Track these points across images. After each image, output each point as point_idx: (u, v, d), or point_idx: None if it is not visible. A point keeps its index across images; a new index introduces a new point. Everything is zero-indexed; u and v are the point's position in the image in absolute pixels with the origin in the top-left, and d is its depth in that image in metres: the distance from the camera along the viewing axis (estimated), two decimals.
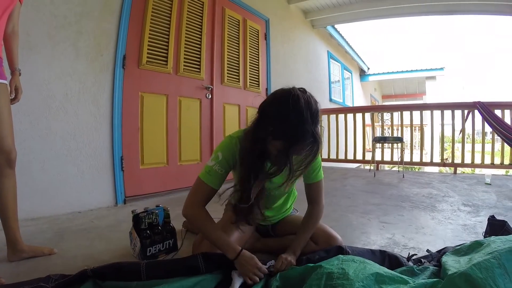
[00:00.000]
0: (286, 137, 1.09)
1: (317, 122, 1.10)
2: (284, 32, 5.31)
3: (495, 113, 4.04)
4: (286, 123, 1.08)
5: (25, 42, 2.07)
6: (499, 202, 2.64)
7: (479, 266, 0.89)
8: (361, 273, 0.99)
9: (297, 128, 1.07)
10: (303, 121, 1.06)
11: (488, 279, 0.84)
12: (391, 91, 15.39)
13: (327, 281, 0.99)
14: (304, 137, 1.07)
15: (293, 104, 1.07)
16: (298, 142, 1.08)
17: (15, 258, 1.44)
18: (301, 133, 1.07)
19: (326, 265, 1.08)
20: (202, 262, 1.17)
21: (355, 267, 1.04)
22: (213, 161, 1.25)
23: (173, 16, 3.11)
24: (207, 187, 1.24)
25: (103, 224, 2.11)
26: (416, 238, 1.77)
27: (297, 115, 1.07)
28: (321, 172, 1.40)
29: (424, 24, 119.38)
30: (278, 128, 1.09)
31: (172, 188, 3.14)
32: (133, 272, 1.11)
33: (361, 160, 5.46)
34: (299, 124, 1.07)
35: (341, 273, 1.01)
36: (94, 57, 2.50)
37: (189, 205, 1.27)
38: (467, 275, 0.87)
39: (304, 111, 1.07)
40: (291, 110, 1.07)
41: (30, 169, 2.13)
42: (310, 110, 1.08)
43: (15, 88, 1.52)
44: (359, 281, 0.95)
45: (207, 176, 1.24)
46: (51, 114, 2.26)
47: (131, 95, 2.78)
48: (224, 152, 1.25)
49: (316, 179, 1.38)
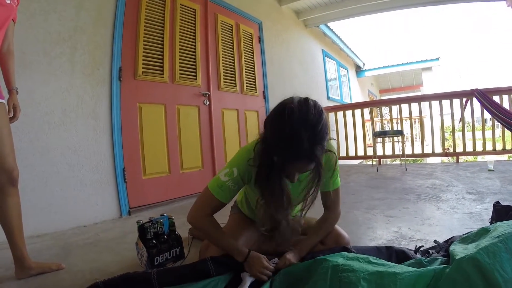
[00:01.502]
0: (279, 152, 1.00)
1: (318, 138, 0.98)
2: (278, 33, 5.33)
3: (493, 99, 4.04)
4: (278, 138, 0.99)
5: (21, 60, 2.08)
6: (503, 187, 2.64)
7: (487, 251, 0.89)
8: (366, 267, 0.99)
9: (291, 144, 0.96)
10: (295, 137, 0.95)
11: (496, 264, 0.84)
12: (388, 85, 15.39)
13: (333, 274, 0.99)
14: (298, 155, 0.98)
15: (288, 116, 0.96)
16: (290, 160, 1.00)
17: (23, 275, 1.44)
18: (294, 150, 0.96)
19: (331, 258, 1.08)
20: (212, 265, 1.17)
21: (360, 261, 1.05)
22: (227, 177, 1.20)
23: (166, 25, 3.13)
24: (217, 201, 1.21)
25: (109, 236, 2.11)
26: (423, 230, 1.77)
27: (289, 129, 0.96)
28: (338, 180, 1.35)
29: (416, 16, 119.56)
30: (274, 143, 1.01)
31: (176, 197, 3.14)
32: (144, 281, 1.10)
33: (363, 156, 5.46)
34: (292, 139, 0.96)
35: (347, 265, 1.01)
36: (90, 71, 2.52)
37: (196, 215, 1.25)
38: (475, 260, 0.87)
39: (297, 125, 0.96)
40: (284, 124, 0.97)
41: (33, 186, 2.14)
42: (306, 124, 0.96)
43: (13, 107, 1.53)
44: (363, 271, 0.95)
45: (219, 191, 1.20)
46: (51, 130, 2.26)
47: (129, 107, 2.78)
48: (240, 168, 1.20)
49: (333, 187, 1.33)
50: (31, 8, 2.17)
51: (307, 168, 1.03)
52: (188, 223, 1.29)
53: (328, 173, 1.24)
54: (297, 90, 4.38)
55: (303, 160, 1.00)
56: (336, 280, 0.97)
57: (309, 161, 1.00)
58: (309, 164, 1.01)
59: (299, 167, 1.03)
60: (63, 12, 2.36)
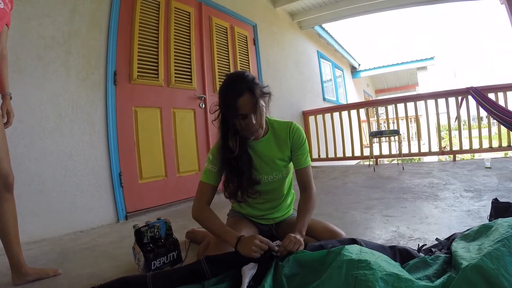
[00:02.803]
0: (226, 101, 1.26)
1: (254, 82, 1.26)
2: (272, 35, 5.34)
3: (488, 97, 4.05)
4: (222, 93, 1.28)
5: (15, 65, 2.07)
6: (500, 184, 2.65)
7: (490, 256, 0.88)
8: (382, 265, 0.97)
9: (232, 87, 1.25)
10: (235, 81, 1.25)
11: (500, 269, 0.84)
12: (383, 85, 15.46)
13: (349, 270, 0.96)
14: (239, 92, 1.22)
15: (228, 77, 1.31)
16: (235, 99, 1.22)
17: (19, 282, 1.43)
18: (236, 88, 1.23)
19: (345, 252, 1.04)
20: (206, 265, 1.15)
21: (375, 258, 1.01)
22: (206, 163, 1.42)
23: (160, 28, 3.12)
24: (206, 185, 1.39)
25: (106, 241, 2.10)
26: (421, 229, 1.77)
27: (229, 80, 1.28)
28: (309, 158, 1.49)
29: (410, 16, 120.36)
30: (222, 99, 1.29)
31: (173, 200, 3.12)
32: (140, 284, 1.09)
33: (360, 156, 5.46)
34: (232, 84, 1.26)
35: (363, 261, 0.97)
36: (85, 75, 2.51)
37: (195, 207, 1.39)
38: (479, 267, 0.86)
39: (235, 76, 1.29)
40: (225, 82, 1.29)
41: (29, 191, 2.12)
42: (243, 74, 1.28)
43: (7, 112, 1.52)
44: (381, 270, 0.93)
45: (204, 176, 1.40)
46: (46, 135, 2.25)
47: (124, 111, 2.77)
48: (213, 152, 1.41)
49: (306, 164, 1.46)
50: (25, 13, 2.16)
51: (251, 103, 1.23)
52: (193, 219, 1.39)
53: (298, 143, 1.43)
54: (293, 92, 4.44)
55: (245, 95, 1.22)
56: (351, 277, 0.94)
57: (251, 94, 1.23)
58: (252, 97, 1.23)
59: (244, 104, 1.23)
60: (57, 17, 2.35)
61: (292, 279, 1.07)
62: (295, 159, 1.45)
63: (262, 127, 1.33)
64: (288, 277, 1.07)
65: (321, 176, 4.26)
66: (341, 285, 0.94)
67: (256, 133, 1.32)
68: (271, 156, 1.43)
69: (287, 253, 1.16)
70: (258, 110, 1.25)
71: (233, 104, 1.23)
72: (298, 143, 1.43)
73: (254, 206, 1.53)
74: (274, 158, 1.43)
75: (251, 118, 1.25)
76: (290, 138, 1.43)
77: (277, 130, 1.45)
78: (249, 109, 1.24)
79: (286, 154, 1.44)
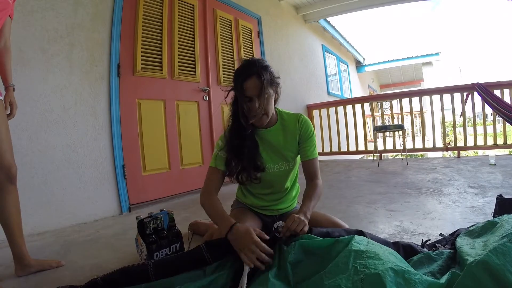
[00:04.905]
0: (236, 83, 1.31)
1: (264, 66, 1.30)
2: (277, 29, 5.30)
3: (494, 93, 4.01)
4: (236, 74, 1.34)
5: (19, 58, 2.07)
6: (505, 181, 2.63)
7: (495, 252, 0.87)
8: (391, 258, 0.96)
9: (243, 70, 1.30)
10: (247, 65, 1.30)
11: (506, 264, 0.83)
12: (388, 80, 15.34)
13: (356, 259, 0.95)
14: (248, 74, 1.27)
15: (241, 61, 1.36)
16: (244, 81, 1.27)
17: (23, 273, 1.44)
18: (245, 71, 1.28)
19: (354, 242, 1.03)
20: (206, 251, 1.13)
21: (383, 251, 1.00)
22: (216, 149, 1.44)
23: (164, 21, 3.11)
24: (215, 170, 1.40)
25: (109, 233, 2.11)
26: (425, 224, 1.76)
27: (244, 62, 1.34)
28: (316, 151, 1.49)
29: (416, 11, 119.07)
30: (234, 82, 1.34)
31: (176, 193, 3.13)
32: (141, 273, 1.08)
33: (364, 151, 5.43)
34: (244, 68, 1.31)
35: (372, 252, 0.96)
36: (88, 68, 2.50)
37: (203, 192, 1.38)
38: (484, 263, 0.85)
39: (249, 60, 1.33)
40: (240, 65, 1.35)
41: (33, 183, 2.13)
42: (255, 60, 1.33)
43: (10, 104, 1.51)
44: (391, 261, 0.92)
45: (214, 161, 1.41)
46: (50, 128, 2.25)
47: (128, 103, 2.77)
48: (222, 137, 1.44)
49: (313, 155, 1.46)
50: (28, 6, 2.16)
51: (257, 87, 1.26)
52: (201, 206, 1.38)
53: (306, 135, 1.44)
54: (297, 85, 4.42)
55: (252, 78, 1.26)
56: (361, 265, 0.92)
57: (258, 78, 1.26)
58: (258, 81, 1.26)
59: (250, 87, 1.27)
60: (60, 9, 2.34)
61: (296, 266, 1.06)
62: (302, 151, 1.45)
63: (268, 114, 1.33)
64: (293, 264, 1.06)
65: (325, 170, 4.25)
66: (349, 274, 0.92)
67: (259, 119, 1.32)
68: (278, 146, 1.43)
69: (290, 234, 1.14)
70: (263, 95, 1.27)
71: (240, 85, 1.28)
72: (306, 135, 1.44)
73: (258, 197, 1.52)
74: (281, 149, 1.44)
75: (255, 101, 1.28)
76: (298, 130, 1.43)
77: (286, 122, 1.46)
78: (254, 93, 1.27)
79: (293, 145, 1.44)
